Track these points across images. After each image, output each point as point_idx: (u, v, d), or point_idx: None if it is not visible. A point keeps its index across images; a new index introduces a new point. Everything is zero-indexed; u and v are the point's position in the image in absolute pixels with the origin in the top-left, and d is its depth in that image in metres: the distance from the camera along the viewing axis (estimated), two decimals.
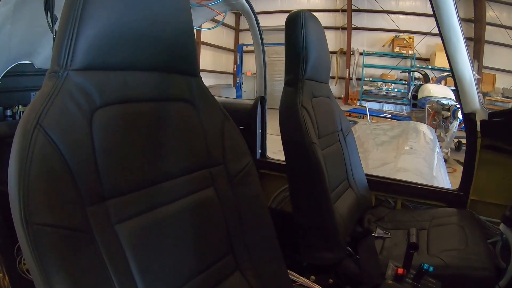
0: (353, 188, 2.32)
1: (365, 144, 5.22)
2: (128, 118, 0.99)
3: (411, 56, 14.29)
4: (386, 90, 14.33)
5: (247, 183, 1.30)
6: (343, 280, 1.87)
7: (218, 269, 1.19)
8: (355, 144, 2.55)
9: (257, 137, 2.95)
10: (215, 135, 1.25)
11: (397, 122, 7.61)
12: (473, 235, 2.05)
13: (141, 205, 0.98)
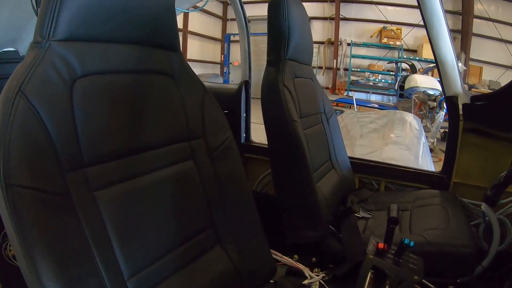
0: (336, 170, 2.33)
1: (351, 132, 5.24)
2: (108, 88, 1.01)
3: (399, 47, 14.34)
4: (374, 81, 14.39)
5: (227, 157, 1.32)
6: (326, 258, 1.88)
7: (198, 242, 1.20)
8: (338, 127, 2.55)
9: (241, 121, 2.95)
10: (195, 109, 1.26)
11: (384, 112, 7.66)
12: (455, 215, 2.08)
13: (120, 173, 1.00)
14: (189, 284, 1.12)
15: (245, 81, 2.97)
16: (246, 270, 1.30)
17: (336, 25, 14.84)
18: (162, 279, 1.05)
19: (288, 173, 1.89)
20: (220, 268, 1.23)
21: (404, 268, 1.52)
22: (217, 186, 1.28)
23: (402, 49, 14.33)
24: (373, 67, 14.54)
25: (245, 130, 3.00)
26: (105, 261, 0.90)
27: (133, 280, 0.97)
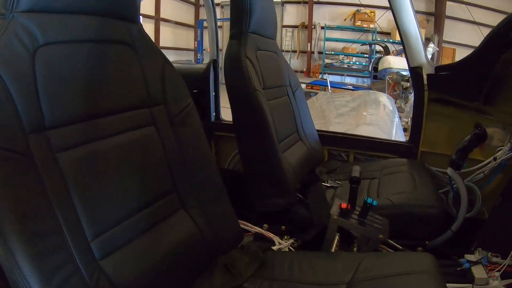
0: (304, 141, 2.35)
1: (325, 112, 5.27)
2: (68, 56, 1.04)
3: (373, 30, 14.43)
4: (348, 63, 14.48)
5: (188, 124, 1.36)
6: (295, 225, 1.91)
7: (162, 206, 1.22)
8: (304, 100, 2.58)
9: (210, 100, 2.96)
10: (155, 77, 1.29)
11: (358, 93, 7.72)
12: (422, 181, 2.13)
13: (81, 136, 1.02)
14: (154, 247, 1.14)
15: (213, 60, 2.98)
16: (212, 234, 1.33)
17: (310, 8, 14.83)
18: (127, 242, 1.07)
19: (253, 142, 1.91)
20: (185, 231, 1.26)
21: (368, 227, 1.56)
22: (178, 151, 1.31)
23: (376, 32, 14.42)
24: (347, 50, 14.61)
25: (215, 109, 3.01)
26: (67, 221, 0.92)
27: (96, 241, 0.98)
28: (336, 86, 10.50)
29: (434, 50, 10.18)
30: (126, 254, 1.05)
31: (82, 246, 0.94)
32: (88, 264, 0.94)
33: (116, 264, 1.01)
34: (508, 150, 2.15)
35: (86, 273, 0.93)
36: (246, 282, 1.32)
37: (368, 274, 1.26)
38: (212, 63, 2.95)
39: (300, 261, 1.38)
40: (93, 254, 0.97)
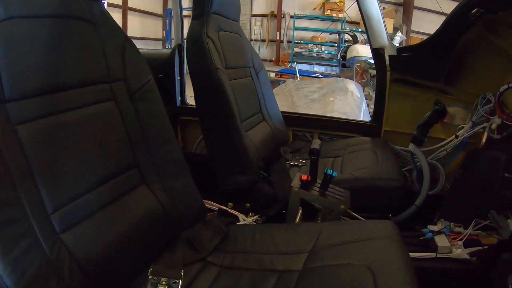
0: (268, 122, 2.36)
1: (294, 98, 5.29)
2: (29, 31, 1.02)
3: (342, 20, 14.50)
4: (317, 52, 14.51)
5: (149, 99, 1.36)
6: (259, 202, 1.92)
7: (123, 181, 1.22)
8: (268, 81, 2.59)
9: (176, 85, 2.94)
10: (116, 53, 1.29)
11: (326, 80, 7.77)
12: (385, 157, 2.18)
13: (41, 109, 1.01)
14: (115, 221, 1.14)
15: (178, 44, 2.96)
16: (174, 209, 1.33)
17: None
18: (88, 215, 1.06)
19: (215, 120, 1.92)
20: (146, 206, 1.26)
21: (330, 198, 1.58)
22: (139, 126, 1.30)
23: (345, 21, 14.50)
24: (316, 39, 14.65)
25: (180, 93, 3.00)
26: (27, 194, 0.91)
27: (57, 214, 0.97)
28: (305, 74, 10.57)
29: (401, 39, 10.32)
30: (87, 227, 1.05)
31: (42, 218, 0.93)
32: (48, 236, 0.93)
33: (77, 237, 1.00)
34: (469, 128, 2.22)
35: (46, 245, 0.92)
36: (210, 256, 1.33)
37: (329, 242, 1.28)
38: (177, 48, 2.94)
39: (262, 233, 1.40)
40: (54, 227, 0.96)
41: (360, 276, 1.08)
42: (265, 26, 14.90)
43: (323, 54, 14.49)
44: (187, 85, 2.93)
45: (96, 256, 1.03)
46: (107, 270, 1.07)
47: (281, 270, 1.21)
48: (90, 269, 1.00)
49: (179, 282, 1.15)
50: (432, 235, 1.70)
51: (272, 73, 11.55)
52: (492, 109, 2.13)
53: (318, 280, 1.13)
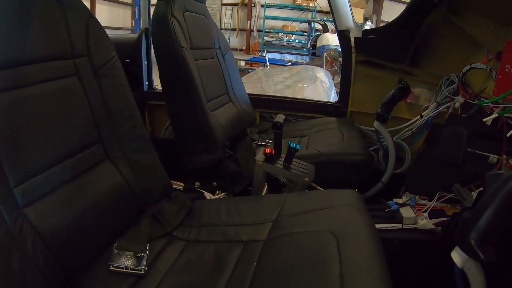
0: (235, 103, 2.37)
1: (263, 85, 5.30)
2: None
3: (312, 9, 14.52)
4: (287, 41, 14.50)
5: (113, 76, 1.36)
6: (226, 180, 1.93)
7: (87, 157, 1.22)
8: (234, 63, 2.61)
9: (143, 69, 2.90)
10: (79, 30, 1.28)
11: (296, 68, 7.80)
12: (350, 135, 2.22)
13: (3, 83, 1.00)
14: (79, 196, 1.14)
15: (145, 29, 2.92)
16: (139, 185, 1.34)
17: None
18: (51, 190, 1.06)
19: (181, 100, 1.92)
20: (111, 182, 1.27)
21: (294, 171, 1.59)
22: (103, 102, 1.30)
23: (315, 11, 14.52)
24: (286, 28, 14.65)
25: (147, 78, 2.96)
26: None
27: (19, 189, 0.97)
28: (275, 63, 10.57)
29: None
30: (50, 202, 1.05)
31: (4, 192, 0.93)
32: (10, 210, 0.94)
33: (40, 212, 1.00)
34: (434, 108, 2.27)
35: (8, 219, 0.92)
36: (175, 231, 1.33)
37: (293, 211, 1.31)
38: (144, 32, 2.90)
39: (227, 207, 1.41)
40: (16, 201, 0.96)
41: (324, 240, 1.10)
42: (235, 15, 14.83)
43: (294, 43, 14.50)
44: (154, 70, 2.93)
45: (60, 231, 1.03)
46: (71, 245, 1.06)
47: (246, 240, 1.23)
48: (54, 244, 1.00)
49: (144, 256, 1.15)
50: (398, 207, 1.72)
51: (242, 61, 11.52)
52: (455, 90, 2.17)
53: (282, 247, 1.14)
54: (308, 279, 0.97)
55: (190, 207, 1.43)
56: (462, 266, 1.05)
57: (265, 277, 1.03)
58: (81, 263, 1.11)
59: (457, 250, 1.06)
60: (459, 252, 1.04)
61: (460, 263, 1.05)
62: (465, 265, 1.04)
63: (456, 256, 1.06)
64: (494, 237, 0.97)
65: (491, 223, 0.95)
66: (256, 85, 5.10)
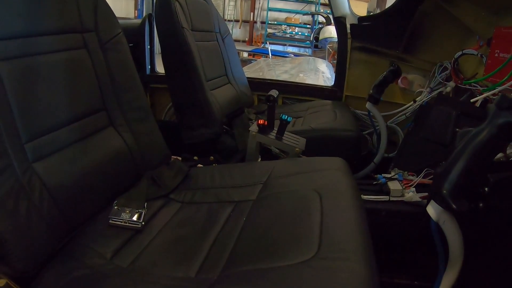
0: (233, 85, 2.47)
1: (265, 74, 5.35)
2: None
3: (316, 1, 14.50)
4: (290, 33, 14.50)
5: (118, 50, 1.47)
6: (222, 154, 2.02)
7: (92, 122, 1.32)
8: (234, 47, 2.70)
9: (146, 53, 3.00)
10: (88, 7, 1.39)
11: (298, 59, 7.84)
12: (343, 115, 2.30)
13: (20, 50, 1.11)
14: (83, 156, 1.23)
15: (148, 14, 3.01)
16: (139, 150, 1.45)
17: None
18: (58, 149, 1.16)
19: (181, 77, 2.01)
20: (114, 146, 1.37)
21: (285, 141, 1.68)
22: (108, 74, 1.41)
23: (319, 3, 14.50)
24: (290, 20, 14.64)
25: (150, 62, 3.06)
26: (5, 123, 1.00)
27: (30, 145, 1.07)
28: (277, 54, 10.61)
29: None
30: (57, 159, 1.14)
31: (16, 146, 1.03)
32: (21, 163, 1.03)
33: (48, 167, 1.10)
34: (428, 94, 2.34)
35: (19, 170, 1.01)
36: (172, 193, 1.43)
37: (282, 174, 1.41)
38: (148, 17, 2.99)
39: (221, 172, 1.51)
40: (27, 155, 1.05)
41: (308, 197, 1.20)
42: (238, 7, 14.82)
43: (297, 36, 14.48)
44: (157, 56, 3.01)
45: (65, 186, 1.13)
46: (75, 200, 1.16)
47: (237, 200, 1.32)
48: (59, 197, 1.10)
49: (142, 212, 1.25)
50: (385, 180, 1.78)
51: (245, 52, 11.56)
52: (448, 76, 2.25)
53: (269, 204, 1.24)
54: (291, 226, 1.06)
55: (187, 172, 1.53)
56: (437, 219, 1.10)
57: (252, 228, 1.13)
58: (83, 217, 1.21)
59: (432, 204, 1.12)
60: (434, 206, 1.11)
61: (435, 216, 1.10)
62: (440, 218, 1.10)
63: (431, 209, 1.12)
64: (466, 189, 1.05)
65: (461, 175, 1.02)
66: (258, 74, 5.15)
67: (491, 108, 1.02)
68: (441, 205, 1.06)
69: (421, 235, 1.48)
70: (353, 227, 1.03)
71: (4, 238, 0.93)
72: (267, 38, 14.24)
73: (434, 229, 1.13)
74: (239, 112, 2.26)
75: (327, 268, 0.86)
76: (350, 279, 0.83)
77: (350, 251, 0.92)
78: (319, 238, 0.97)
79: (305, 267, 0.88)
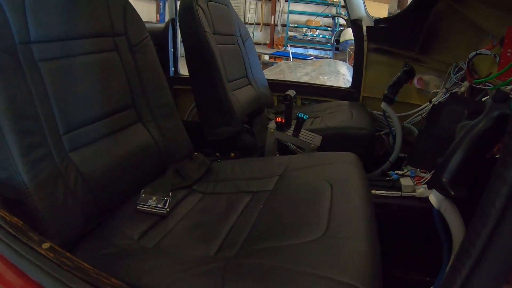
0: (254, 86, 2.59)
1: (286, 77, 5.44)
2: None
3: (337, 4, 14.47)
4: (311, 36, 14.55)
5: (145, 52, 1.61)
6: (242, 151, 2.13)
7: (123, 117, 1.46)
8: (254, 49, 2.82)
9: (169, 56, 3.14)
10: (118, 13, 1.53)
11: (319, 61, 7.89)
12: (359, 114, 2.39)
13: (58, 52, 1.25)
14: (114, 148, 1.36)
15: (172, 18, 3.17)
16: (165, 145, 1.58)
17: None
18: (91, 141, 1.29)
19: (204, 77, 2.14)
20: (141, 139, 1.50)
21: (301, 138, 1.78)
22: (137, 74, 1.55)
23: (340, 5, 14.48)
24: (310, 23, 14.68)
25: (174, 64, 3.21)
26: (44, 114, 1.15)
27: (67, 136, 1.21)
28: (298, 57, 10.66)
29: None
30: (90, 150, 1.27)
31: (55, 137, 1.17)
32: (59, 152, 1.16)
33: (82, 157, 1.23)
34: (443, 94, 2.39)
35: (57, 158, 1.15)
36: (195, 185, 1.54)
37: (297, 167, 1.52)
38: (171, 22, 3.15)
39: (241, 165, 1.63)
40: (64, 145, 1.19)
41: (320, 187, 1.31)
42: (259, 10, 14.91)
43: (317, 38, 14.51)
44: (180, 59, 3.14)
45: (97, 174, 1.26)
46: (106, 187, 1.28)
47: (255, 191, 1.43)
48: (92, 183, 1.23)
49: (167, 200, 1.36)
50: (398, 176, 1.85)
51: (266, 55, 11.67)
52: (463, 76, 2.27)
53: (284, 193, 1.35)
54: (303, 212, 1.17)
55: (209, 165, 1.64)
56: (438, 207, 1.17)
57: (267, 214, 1.24)
58: (113, 202, 1.33)
59: (433, 193, 1.19)
60: (435, 194, 1.18)
61: (436, 203, 1.17)
62: (441, 206, 1.17)
63: (432, 197, 1.19)
64: (465, 177, 1.12)
65: (460, 164, 1.09)
66: (279, 77, 5.24)
67: (488, 102, 1.10)
68: (441, 192, 1.14)
69: (433, 230, 1.55)
70: (359, 213, 1.13)
71: (44, 217, 1.06)
72: (288, 41, 14.30)
73: (437, 216, 1.19)
74: (259, 112, 2.37)
75: (333, 246, 0.97)
76: (353, 254, 0.94)
77: (354, 232, 1.03)
78: (327, 222, 1.08)
79: (313, 245, 0.98)
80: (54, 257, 0.82)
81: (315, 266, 0.89)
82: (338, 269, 0.87)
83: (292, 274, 0.88)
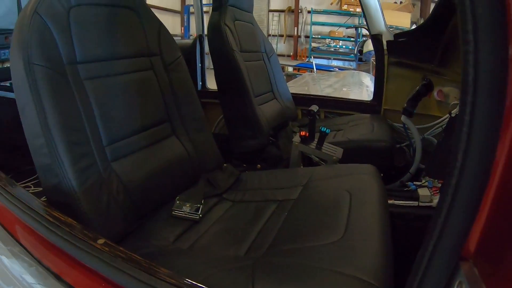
0: (279, 100, 2.72)
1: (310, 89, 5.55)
2: (92, 15, 1.42)
3: (359, 14, 14.46)
4: (334, 47, 14.54)
5: (179, 70, 1.76)
6: (268, 163, 2.26)
7: (158, 131, 1.60)
8: (279, 65, 2.96)
9: (197, 71, 3.31)
10: (153, 34, 1.68)
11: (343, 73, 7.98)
12: (380, 126, 2.48)
13: (101, 71, 1.40)
14: (151, 159, 1.51)
15: (199, 35, 3.33)
16: (197, 156, 1.71)
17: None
18: (130, 152, 1.44)
19: (232, 94, 2.29)
20: (175, 151, 1.64)
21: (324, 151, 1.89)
22: (171, 91, 1.69)
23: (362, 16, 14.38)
24: (333, 34, 14.69)
25: (201, 78, 3.37)
26: (91, 129, 1.30)
27: (109, 148, 1.35)
28: (322, 68, 10.76)
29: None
30: (130, 161, 1.42)
31: (99, 147, 1.32)
32: (103, 161, 1.31)
33: (123, 166, 1.38)
34: None
35: (101, 167, 1.30)
36: (225, 193, 1.68)
37: (320, 177, 1.65)
38: (198, 38, 3.31)
39: (268, 176, 1.76)
40: (107, 156, 1.34)
41: (340, 195, 1.43)
42: (282, 21, 15.02)
43: (341, 49, 14.53)
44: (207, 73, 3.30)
45: (136, 182, 1.40)
46: (144, 193, 1.43)
47: (280, 199, 1.55)
48: (132, 190, 1.37)
49: (200, 206, 1.49)
50: (416, 187, 1.92)
51: (290, 67, 11.80)
52: None
53: (308, 202, 1.48)
54: (324, 218, 1.30)
55: (238, 175, 1.78)
56: None
57: (292, 220, 1.37)
58: (150, 208, 1.48)
59: None
60: None
61: None
62: None
63: None
64: None
65: None
66: (303, 89, 5.34)
67: None
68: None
69: None
70: (374, 219, 1.26)
71: (89, 218, 1.21)
72: (312, 52, 14.36)
73: None
74: (284, 125, 2.50)
75: (350, 247, 1.10)
76: (368, 253, 1.06)
77: (370, 235, 1.15)
78: (346, 226, 1.21)
79: (332, 246, 1.11)
80: (109, 251, 0.94)
81: (334, 264, 1.02)
82: (353, 267, 1.00)
83: (312, 270, 1.01)
